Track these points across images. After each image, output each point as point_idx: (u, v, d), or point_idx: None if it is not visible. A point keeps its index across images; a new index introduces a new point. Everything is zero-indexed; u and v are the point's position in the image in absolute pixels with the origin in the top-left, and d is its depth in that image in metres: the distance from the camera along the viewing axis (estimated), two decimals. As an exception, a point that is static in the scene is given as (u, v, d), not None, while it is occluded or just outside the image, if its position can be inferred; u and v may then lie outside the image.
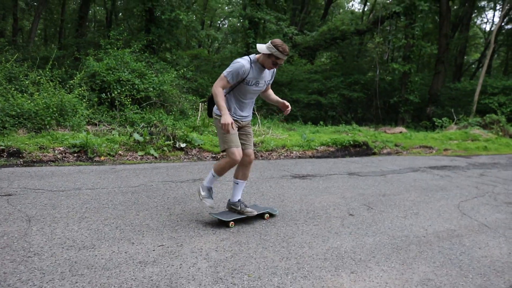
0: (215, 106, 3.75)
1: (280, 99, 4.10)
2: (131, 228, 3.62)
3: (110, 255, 2.96)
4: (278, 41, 3.57)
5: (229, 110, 3.75)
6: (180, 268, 2.82)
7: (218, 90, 3.57)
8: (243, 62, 3.60)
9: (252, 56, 3.72)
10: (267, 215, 4.14)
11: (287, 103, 4.05)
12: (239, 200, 4.03)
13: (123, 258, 2.92)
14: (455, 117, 18.74)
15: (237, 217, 3.90)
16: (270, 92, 4.13)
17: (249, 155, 3.93)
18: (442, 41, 22.34)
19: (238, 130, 3.81)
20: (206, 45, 31.13)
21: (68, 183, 5.22)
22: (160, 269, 2.78)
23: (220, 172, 3.84)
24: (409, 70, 21.20)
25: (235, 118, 3.79)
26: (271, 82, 3.98)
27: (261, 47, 3.60)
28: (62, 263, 2.79)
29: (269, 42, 3.59)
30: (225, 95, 3.72)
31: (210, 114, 3.97)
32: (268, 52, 3.56)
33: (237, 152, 3.68)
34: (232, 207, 4.04)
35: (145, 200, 4.62)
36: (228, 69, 3.60)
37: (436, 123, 18.35)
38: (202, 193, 3.87)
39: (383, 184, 6.28)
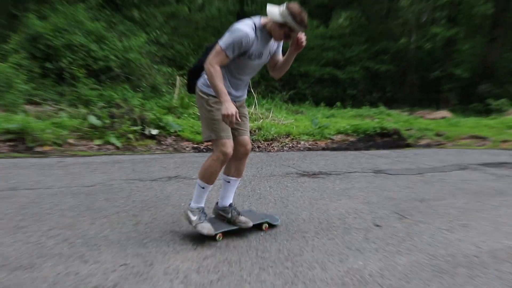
0: (200, 79, 3.71)
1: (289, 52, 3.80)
2: (83, 241, 3.58)
3: (55, 278, 2.92)
4: (295, 7, 3.41)
5: None
6: None
7: (216, 69, 3.44)
8: (247, 30, 3.45)
9: (257, 20, 3.59)
10: (265, 225, 4.13)
11: (301, 38, 3.66)
12: (230, 205, 4.01)
13: (72, 282, 2.88)
14: (516, 98, 18.74)
15: (226, 228, 3.87)
16: (280, 59, 3.89)
17: (244, 144, 3.91)
18: (501, -3, 22.30)
19: None
20: (186, 1, 30.97)
21: (-1, 181, 5.18)
22: None
23: (210, 178, 3.75)
24: (456, 35, 21.15)
25: None
26: (278, 51, 3.86)
27: (274, 12, 3.44)
28: (-10, 287, 2.75)
29: (284, 6, 3.42)
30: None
31: (191, 89, 3.90)
32: (281, 21, 3.43)
33: (229, 144, 3.66)
34: (220, 213, 4.02)
35: (103, 204, 4.59)
36: (226, 40, 3.46)
37: (491, 106, 18.35)
38: (193, 218, 3.77)
39: (420, 185, 6.27)
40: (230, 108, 3.40)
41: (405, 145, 10.56)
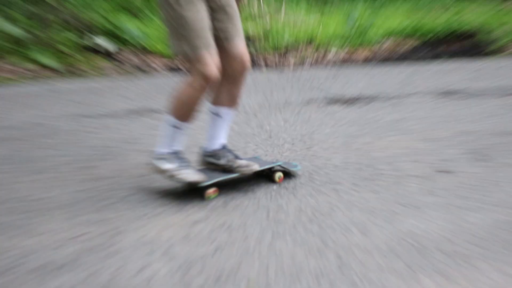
0: None
1: None
2: (23, 205, 3.74)
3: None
4: None
5: None
6: (117, 275, 2.90)
7: None
8: None
9: None
10: (279, 174, 4.25)
11: None
12: (224, 147, 4.10)
13: (12, 259, 3.03)
14: None
15: (221, 177, 3.99)
16: None
17: (239, 56, 3.95)
18: None
19: (211, 13, 3.79)
20: None
21: None
22: (81, 277, 2.86)
23: (185, 113, 3.81)
24: None
25: None
26: None
27: None
28: None
29: None
30: None
31: None
32: None
33: (212, 60, 3.69)
34: (210, 161, 4.13)
35: (43, 152, 4.72)
36: None
37: None
38: (168, 166, 3.84)
39: (507, 113, 6.32)
40: None
41: (489, 53, 10.54)
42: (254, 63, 7.63)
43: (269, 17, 11.55)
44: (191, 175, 3.82)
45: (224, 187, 4.02)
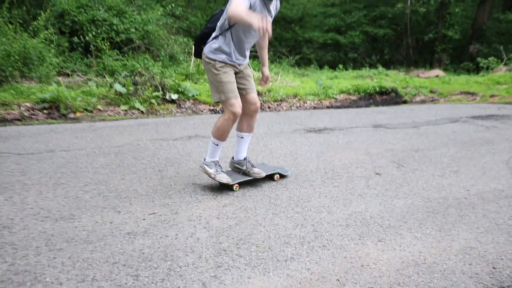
0: (206, 46, 3.69)
1: (266, 59, 4.14)
2: (116, 194, 3.65)
3: (93, 226, 3.00)
4: None
5: (227, 53, 3.64)
6: (176, 239, 2.86)
7: (241, 8, 3.26)
8: None
9: None
10: (277, 176, 4.18)
11: (268, 75, 4.16)
12: (245, 158, 4.05)
13: (108, 229, 2.96)
14: (504, 56, 18.41)
15: (242, 179, 3.93)
16: (266, 41, 4.06)
17: (254, 102, 3.91)
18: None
19: (235, 76, 3.77)
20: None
21: (38, 144, 5.24)
22: (153, 240, 2.82)
23: (222, 136, 3.77)
24: (448, -1, 20.69)
25: (233, 63, 3.71)
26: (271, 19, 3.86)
27: None
28: (37, 236, 2.83)
29: None
30: (220, 34, 3.61)
31: (197, 55, 3.90)
32: None
33: (237, 103, 3.66)
34: (236, 166, 4.07)
35: (132, 161, 4.65)
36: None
37: (480, 64, 18.07)
38: (211, 170, 3.80)
39: (415, 137, 6.27)
40: (260, 19, 3.07)
41: (402, 102, 10.49)
42: (262, 107, 7.63)
43: (271, 81, 11.50)
44: (224, 178, 3.82)
45: (242, 183, 3.98)
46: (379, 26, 22.68)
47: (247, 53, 3.87)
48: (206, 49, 3.69)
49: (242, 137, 4.03)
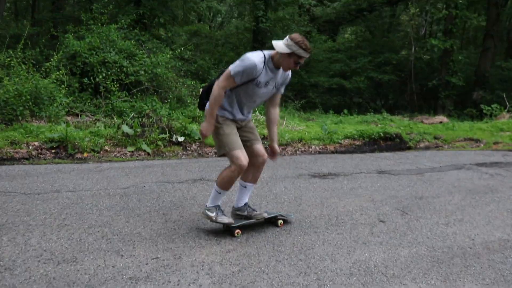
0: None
1: (275, 134, 4.06)
2: (119, 237, 3.64)
3: (95, 270, 2.98)
4: (297, 36, 3.45)
5: (229, 111, 3.71)
6: (178, 285, 2.83)
7: (220, 92, 3.52)
8: (257, 61, 3.48)
9: (267, 52, 3.61)
10: (281, 221, 4.15)
11: (277, 150, 4.08)
12: (245, 204, 4.02)
13: (110, 274, 2.94)
14: (507, 103, 18.52)
15: (244, 222, 3.92)
16: (276, 106, 4.00)
17: (261, 154, 3.89)
18: (492, 11, 22.01)
19: (238, 130, 3.80)
20: (207, 20, 31.07)
21: (44, 184, 5.26)
22: (155, 286, 2.79)
23: (226, 186, 3.75)
24: (451, 47, 20.95)
25: (235, 119, 3.76)
26: (282, 88, 3.90)
27: (280, 46, 3.47)
28: (38, 279, 2.81)
29: (287, 38, 3.46)
30: (224, 92, 3.63)
31: (201, 107, 3.94)
32: (289, 51, 3.45)
33: (242, 155, 3.64)
34: (237, 213, 4.03)
35: (136, 204, 4.64)
36: (236, 67, 3.49)
37: (484, 111, 18.12)
38: (212, 214, 3.75)
39: (420, 184, 6.24)
40: (207, 127, 3.60)
41: (406, 148, 10.48)
42: (267, 151, 7.60)
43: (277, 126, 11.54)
44: (226, 219, 3.78)
45: (246, 229, 3.96)
46: (384, 72, 22.92)
47: (249, 113, 3.91)
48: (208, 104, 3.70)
49: (246, 187, 4.01)
